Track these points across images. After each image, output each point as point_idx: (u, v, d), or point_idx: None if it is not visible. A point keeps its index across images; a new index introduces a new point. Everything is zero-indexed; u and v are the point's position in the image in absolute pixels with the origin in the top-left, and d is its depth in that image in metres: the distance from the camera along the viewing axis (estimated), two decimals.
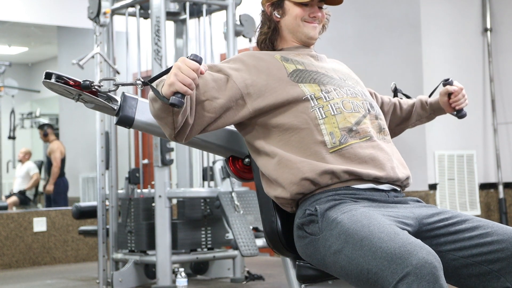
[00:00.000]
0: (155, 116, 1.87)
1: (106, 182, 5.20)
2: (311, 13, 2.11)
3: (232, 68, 2.01)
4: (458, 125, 5.50)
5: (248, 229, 4.70)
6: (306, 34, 2.12)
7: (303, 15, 2.11)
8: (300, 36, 2.13)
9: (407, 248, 1.65)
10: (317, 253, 1.88)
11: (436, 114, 2.41)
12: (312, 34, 2.13)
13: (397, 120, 2.41)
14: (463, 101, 2.33)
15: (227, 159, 2.15)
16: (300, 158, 1.94)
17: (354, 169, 1.92)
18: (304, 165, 1.93)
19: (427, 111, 2.40)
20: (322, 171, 1.91)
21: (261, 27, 2.18)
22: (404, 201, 2.00)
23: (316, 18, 2.12)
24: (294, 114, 1.98)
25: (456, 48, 5.57)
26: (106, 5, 5.10)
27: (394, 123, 2.41)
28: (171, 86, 1.75)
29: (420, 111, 2.41)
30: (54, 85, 1.86)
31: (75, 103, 1.96)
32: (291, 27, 2.13)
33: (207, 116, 1.93)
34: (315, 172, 1.91)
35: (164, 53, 5.02)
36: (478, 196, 5.62)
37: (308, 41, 2.14)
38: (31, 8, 7.15)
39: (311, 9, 2.11)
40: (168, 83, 1.76)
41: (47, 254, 6.84)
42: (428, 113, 2.40)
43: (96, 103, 1.92)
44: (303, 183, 1.93)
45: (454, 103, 2.33)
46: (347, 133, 1.97)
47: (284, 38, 2.16)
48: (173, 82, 1.75)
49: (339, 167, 1.91)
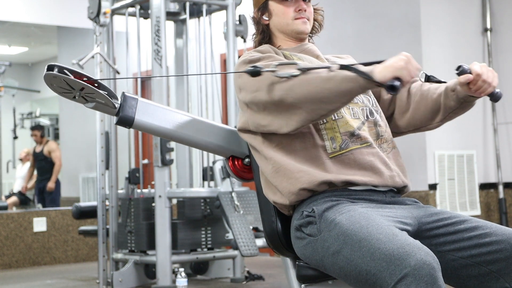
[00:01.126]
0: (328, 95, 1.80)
1: (106, 182, 5.20)
2: (296, 8, 2.10)
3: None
4: (458, 125, 5.50)
5: (248, 229, 4.70)
6: (295, 30, 2.11)
7: (289, 12, 2.10)
8: (290, 33, 2.12)
9: (406, 249, 1.65)
10: (315, 254, 1.87)
11: (469, 101, 2.02)
12: (302, 29, 2.11)
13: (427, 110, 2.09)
14: (487, 87, 1.93)
15: (227, 159, 2.15)
16: (299, 166, 1.93)
17: (351, 179, 1.91)
18: (302, 175, 1.92)
19: (453, 99, 2.02)
20: (320, 182, 1.91)
21: (254, 33, 2.19)
22: (402, 201, 2.00)
23: (302, 11, 2.10)
24: None
25: (456, 48, 5.57)
26: (106, 5, 5.10)
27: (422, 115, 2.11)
28: (398, 70, 1.73)
29: (445, 101, 2.04)
30: (55, 79, 1.83)
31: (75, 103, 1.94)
32: (280, 26, 2.12)
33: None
34: (313, 184, 1.91)
35: (164, 53, 5.02)
36: (478, 196, 5.62)
37: (299, 36, 2.13)
38: (31, 8, 7.15)
39: (295, 3, 2.10)
40: (396, 67, 1.74)
41: (47, 254, 6.84)
42: (456, 102, 2.02)
43: (97, 100, 1.90)
44: (301, 193, 1.93)
45: (477, 92, 1.95)
46: (348, 137, 1.96)
47: (278, 38, 2.15)
48: (403, 68, 1.74)
49: (337, 178, 1.91)
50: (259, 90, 1.90)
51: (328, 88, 1.80)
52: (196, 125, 2.07)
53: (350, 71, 1.78)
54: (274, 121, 1.91)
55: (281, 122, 1.90)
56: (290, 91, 1.84)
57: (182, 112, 2.08)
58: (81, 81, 1.83)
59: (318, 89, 1.81)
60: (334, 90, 1.80)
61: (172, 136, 2.05)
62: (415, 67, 1.76)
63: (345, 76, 1.79)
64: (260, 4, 2.13)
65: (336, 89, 1.79)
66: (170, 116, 2.03)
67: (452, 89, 2.01)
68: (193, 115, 2.12)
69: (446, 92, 2.02)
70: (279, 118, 1.90)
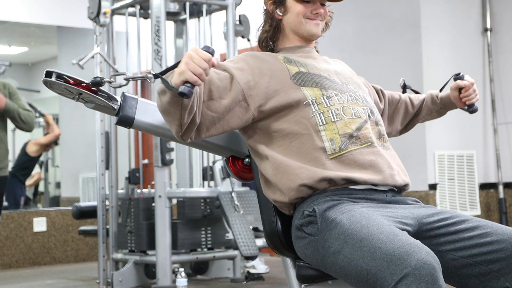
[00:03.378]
0: (163, 111, 1.83)
1: (106, 182, 5.20)
2: (313, 10, 2.09)
3: (236, 68, 1.99)
4: (458, 125, 5.51)
5: (248, 229, 4.70)
6: (308, 31, 2.11)
7: (305, 12, 2.09)
8: (302, 33, 2.11)
9: (406, 249, 1.65)
10: (316, 253, 1.88)
11: (447, 109, 2.39)
12: (315, 31, 2.11)
13: (409, 116, 2.39)
14: (474, 96, 2.30)
15: (227, 159, 2.15)
16: (299, 164, 1.93)
17: (352, 176, 1.91)
18: (302, 171, 1.92)
19: (438, 105, 2.38)
20: (320, 178, 1.91)
21: (263, 26, 2.16)
22: (403, 200, 2.00)
23: (318, 15, 2.10)
24: (295, 119, 1.98)
25: (456, 48, 5.57)
26: (106, 5, 5.10)
27: (405, 120, 2.40)
28: (181, 75, 1.71)
29: (431, 106, 2.38)
30: (54, 84, 1.84)
31: (75, 103, 1.95)
32: (293, 24, 2.11)
33: (211, 115, 1.90)
34: (313, 179, 1.91)
35: (164, 53, 5.02)
36: (478, 196, 5.62)
37: (310, 38, 2.13)
38: (31, 8, 7.15)
39: (313, 5, 2.10)
40: (178, 72, 1.72)
41: (47, 254, 6.85)
42: (439, 107, 2.38)
43: (96, 103, 1.91)
44: (301, 189, 1.93)
45: (465, 98, 2.29)
46: (347, 139, 1.96)
47: (286, 36, 2.14)
48: (184, 71, 1.71)
49: (337, 175, 1.91)
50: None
51: (162, 102, 1.82)
52: None
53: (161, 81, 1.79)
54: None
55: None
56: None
57: None
58: (78, 88, 1.84)
59: (159, 103, 1.84)
60: (165, 103, 1.81)
61: (172, 136, 2.05)
62: (198, 61, 1.71)
63: (161, 88, 1.80)
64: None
65: (165, 102, 1.80)
66: None
67: (436, 96, 2.38)
68: None
69: (432, 98, 2.38)
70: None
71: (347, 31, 5.80)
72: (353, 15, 5.77)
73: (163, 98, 1.80)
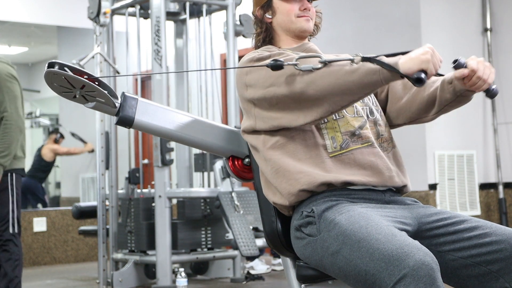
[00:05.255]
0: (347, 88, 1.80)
1: (106, 182, 5.20)
2: (301, 6, 2.10)
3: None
4: (458, 125, 5.51)
5: (248, 229, 4.70)
6: (299, 28, 2.11)
7: (294, 10, 2.09)
8: (294, 31, 2.11)
9: (404, 250, 1.65)
10: (315, 254, 1.88)
11: (466, 95, 1.98)
12: (306, 27, 2.11)
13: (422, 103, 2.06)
14: (482, 83, 1.89)
15: (227, 159, 2.15)
16: (299, 167, 1.93)
17: (351, 179, 1.91)
18: (301, 176, 1.92)
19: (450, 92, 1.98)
20: (320, 183, 1.91)
21: (255, 31, 2.18)
22: (401, 200, 2.00)
23: (307, 10, 2.11)
24: None
25: (456, 48, 5.57)
26: (106, 5, 5.10)
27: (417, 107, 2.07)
28: (424, 63, 1.74)
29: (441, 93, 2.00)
30: (56, 76, 1.82)
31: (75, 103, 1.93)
32: (284, 24, 2.12)
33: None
34: (313, 185, 1.91)
35: (164, 53, 5.02)
36: (478, 196, 5.62)
37: (303, 34, 2.13)
38: (31, 8, 7.15)
39: (300, 2, 2.10)
40: (423, 59, 1.75)
41: (47, 254, 6.84)
42: (452, 95, 1.98)
43: (97, 98, 1.89)
44: (301, 194, 1.93)
45: (472, 88, 1.91)
46: (349, 137, 1.96)
47: (280, 37, 2.14)
48: (429, 61, 1.75)
49: (336, 179, 1.91)
50: (273, 85, 1.90)
51: (352, 80, 1.80)
52: (196, 125, 2.07)
53: (374, 63, 1.78)
54: (287, 114, 1.91)
55: (297, 114, 1.89)
56: (312, 83, 1.84)
57: (182, 112, 2.08)
58: (82, 78, 1.82)
59: (341, 82, 1.81)
60: (357, 82, 1.79)
61: (172, 136, 2.04)
62: (439, 59, 1.78)
63: (369, 68, 1.78)
64: (264, 2, 2.13)
65: (360, 82, 1.79)
66: (170, 116, 2.03)
67: (449, 82, 1.97)
68: (193, 115, 2.12)
69: (442, 85, 1.99)
70: (296, 110, 1.90)
71: (347, 31, 5.80)
72: (352, 15, 5.77)
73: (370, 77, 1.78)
